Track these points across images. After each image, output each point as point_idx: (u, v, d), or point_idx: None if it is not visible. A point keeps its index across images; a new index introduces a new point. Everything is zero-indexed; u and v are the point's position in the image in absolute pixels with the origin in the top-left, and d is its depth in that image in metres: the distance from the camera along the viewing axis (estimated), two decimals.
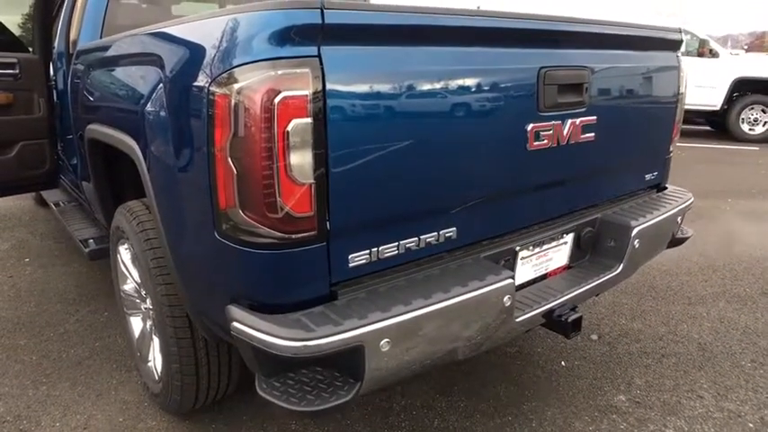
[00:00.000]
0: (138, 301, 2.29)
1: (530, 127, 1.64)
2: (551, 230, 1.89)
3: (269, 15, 1.20)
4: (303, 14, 1.19)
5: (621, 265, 1.99)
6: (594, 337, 2.73)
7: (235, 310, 1.34)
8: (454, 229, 1.58)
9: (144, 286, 2.06)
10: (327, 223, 1.30)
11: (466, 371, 2.42)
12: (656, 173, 2.31)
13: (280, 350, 1.24)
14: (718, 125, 10.04)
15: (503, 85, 1.56)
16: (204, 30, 1.38)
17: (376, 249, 1.42)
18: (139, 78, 1.73)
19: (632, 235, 1.96)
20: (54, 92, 3.36)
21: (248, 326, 1.30)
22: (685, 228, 2.38)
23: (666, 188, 2.43)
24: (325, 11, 1.19)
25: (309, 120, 1.21)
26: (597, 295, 2.37)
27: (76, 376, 2.44)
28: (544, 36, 1.67)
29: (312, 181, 1.25)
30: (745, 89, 9.28)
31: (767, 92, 9.10)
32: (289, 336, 1.24)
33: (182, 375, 1.90)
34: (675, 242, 2.33)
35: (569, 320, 1.79)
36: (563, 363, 2.51)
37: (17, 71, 3.12)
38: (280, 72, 1.19)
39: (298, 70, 1.20)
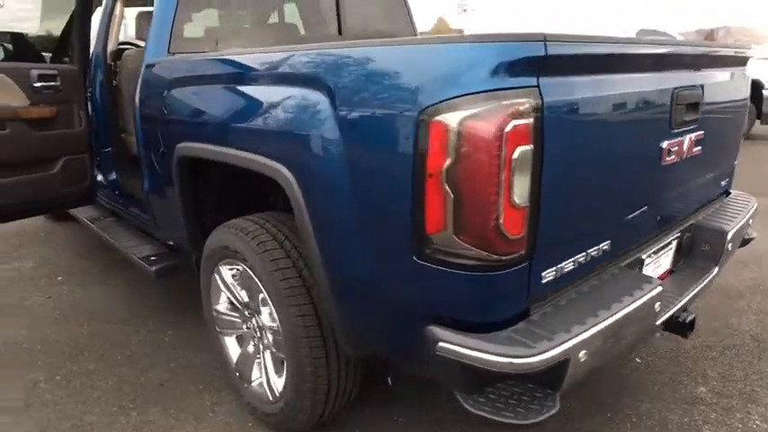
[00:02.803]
0: (236, 320, 2.27)
1: (665, 144, 1.75)
2: (665, 237, 2.01)
3: (495, 47, 1.25)
4: (528, 47, 1.24)
5: (717, 267, 2.14)
6: (658, 334, 2.89)
7: (440, 331, 1.38)
8: (609, 241, 1.67)
9: (254, 307, 2.06)
10: (533, 243, 1.37)
11: None
12: (728, 179, 2.48)
13: (499, 367, 1.30)
14: None
15: (655, 107, 1.66)
16: (407, 57, 1.40)
17: (560, 265, 1.49)
18: (289, 101, 1.70)
19: (728, 239, 2.12)
20: (89, 104, 3.25)
21: (461, 345, 1.34)
22: (750, 229, 2.57)
23: (731, 193, 2.61)
24: (547, 43, 1.25)
25: (531, 147, 1.27)
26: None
27: (164, 400, 2.38)
28: (678, 59, 1.79)
29: (527, 204, 1.31)
30: None
31: None
32: (509, 353, 1.30)
33: (314, 394, 1.91)
34: (744, 242, 2.51)
35: (687, 321, 1.92)
36: (638, 360, 2.66)
37: (58, 83, 2.99)
38: (505, 102, 1.24)
39: (521, 100, 1.25)
